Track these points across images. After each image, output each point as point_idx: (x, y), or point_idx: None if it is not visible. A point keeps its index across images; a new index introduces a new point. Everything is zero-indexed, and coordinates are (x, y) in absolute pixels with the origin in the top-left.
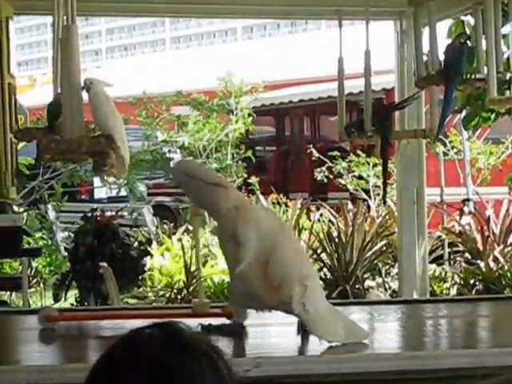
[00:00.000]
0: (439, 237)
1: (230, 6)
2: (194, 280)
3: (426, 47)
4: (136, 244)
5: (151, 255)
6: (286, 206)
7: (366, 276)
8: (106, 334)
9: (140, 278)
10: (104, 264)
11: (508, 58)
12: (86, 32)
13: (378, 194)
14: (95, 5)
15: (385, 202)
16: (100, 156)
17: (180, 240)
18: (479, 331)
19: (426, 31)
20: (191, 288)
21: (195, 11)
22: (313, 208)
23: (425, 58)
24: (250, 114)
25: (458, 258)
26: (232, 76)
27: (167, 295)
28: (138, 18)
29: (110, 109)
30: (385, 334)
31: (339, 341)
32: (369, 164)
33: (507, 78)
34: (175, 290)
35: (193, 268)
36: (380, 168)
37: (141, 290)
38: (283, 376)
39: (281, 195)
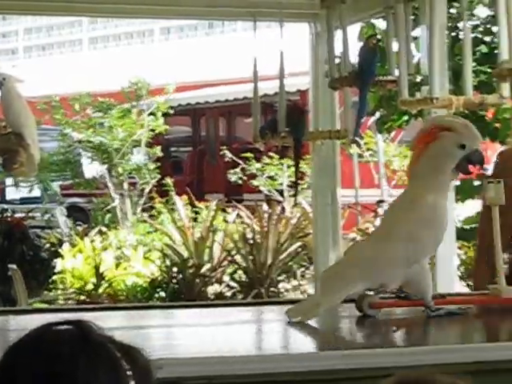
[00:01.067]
0: (354, 238)
1: (146, 7)
2: (103, 281)
3: (339, 49)
4: (47, 245)
5: (62, 257)
6: (195, 207)
7: (281, 278)
8: None
9: (50, 280)
10: (13, 266)
11: (418, 61)
12: (3, 31)
13: (295, 196)
14: (11, 3)
15: (296, 204)
16: (10, 154)
17: (92, 241)
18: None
19: (339, 33)
20: (101, 289)
21: (112, 11)
22: (229, 210)
23: (338, 59)
24: (164, 114)
25: None
26: (144, 77)
27: (78, 297)
28: (56, 18)
29: (21, 106)
30: (299, 335)
31: None
32: (282, 165)
33: (418, 80)
34: (86, 293)
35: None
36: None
37: (52, 293)
38: (185, 378)
39: (194, 196)
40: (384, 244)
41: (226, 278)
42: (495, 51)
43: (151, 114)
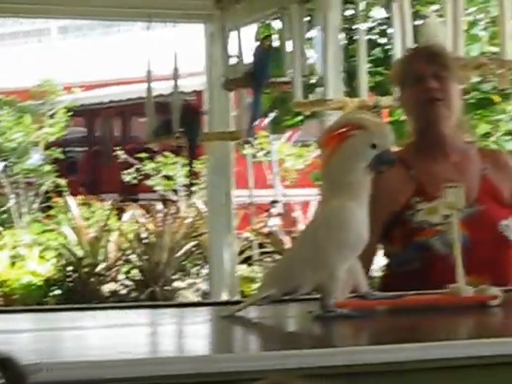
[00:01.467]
0: (248, 238)
1: (41, 6)
2: None
3: (234, 50)
4: None
5: None
6: (91, 207)
7: (175, 277)
8: None
9: None
10: None
11: (313, 62)
12: None
13: (188, 195)
14: None
15: (191, 204)
16: None
17: None
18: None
19: (234, 34)
20: None
21: (8, 10)
22: (124, 209)
23: (234, 60)
24: (65, 114)
25: (267, 259)
26: (46, 77)
27: None
28: None
29: None
30: (193, 336)
31: None
32: (177, 164)
33: (312, 81)
34: None
35: None
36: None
37: None
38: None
39: (89, 196)
40: (298, 247)
41: (122, 277)
42: (390, 53)
43: (51, 115)
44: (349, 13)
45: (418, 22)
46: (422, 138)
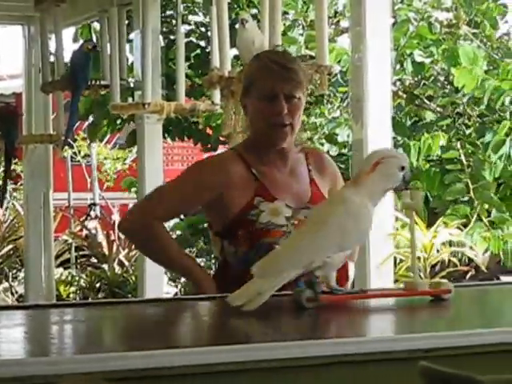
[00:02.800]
0: (66, 241)
1: None
2: None
3: (54, 52)
4: None
5: None
6: None
7: None
8: None
9: None
10: None
11: (132, 65)
12: None
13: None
14: None
15: (1, 205)
16: None
17: None
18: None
19: (53, 37)
20: None
21: None
22: None
23: (53, 62)
24: None
25: (85, 262)
26: None
27: None
28: None
29: None
30: (9, 340)
31: None
32: None
33: (131, 85)
34: None
35: None
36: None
37: None
38: None
39: None
40: (315, 233)
41: None
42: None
43: None
44: (168, 16)
45: (237, 26)
46: (262, 145)
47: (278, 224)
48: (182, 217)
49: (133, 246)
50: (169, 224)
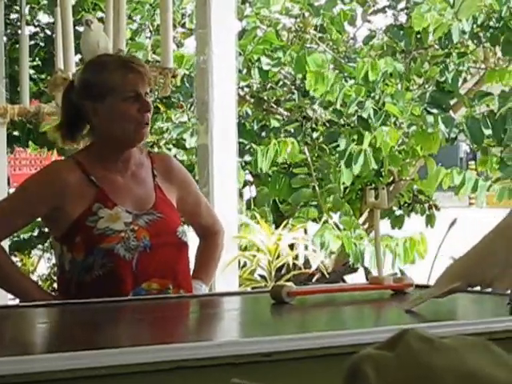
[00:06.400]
0: None
1: None
2: None
3: None
4: None
5: None
6: None
7: None
8: None
9: None
10: None
11: None
12: None
13: None
14: None
15: None
16: None
17: None
18: None
19: None
20: None
21: None
22: None
23: None
24: None
25: None
26: None
27: None
28: None
29: None
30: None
31: None
32: None
33: None
34: None
35: None
36: None
37: None
38: None
39: None
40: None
41: None
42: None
43: None
44: (13, 17)
45: (81, 28)
46: (109, 149)
47: (116, 230)
48: None
49: None
50: None
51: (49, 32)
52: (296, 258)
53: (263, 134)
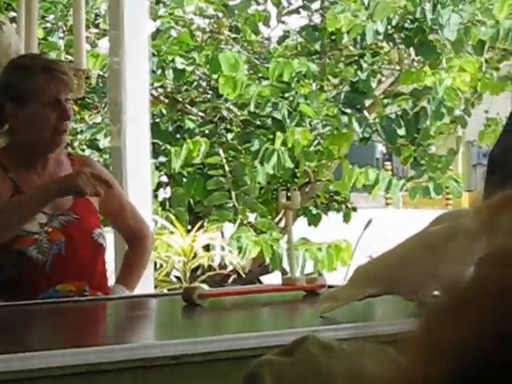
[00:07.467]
0: None
1: None
2: None
3: None
4: None
5: None
6: None
7: None
8: None
9: None
10: None
11: None
12: None
13: None
14: None
15: None
16: None
17: None
18: None
19: None
20: None
21: None
22: None
23: None
24: None
25: None
26: None
27: None
28: None
29: None
30: None
31: None
32: None
33: None
34: None
35: None
36: None
37: None
38: None
39: None
40: (413, 251)
41: None
42: None
43: None
44: None
45: None
46: (26, 152)
47: (30, 231)
48: None
49: None
50: None
51: None
52: (211, 259)
53: (178, 135)
